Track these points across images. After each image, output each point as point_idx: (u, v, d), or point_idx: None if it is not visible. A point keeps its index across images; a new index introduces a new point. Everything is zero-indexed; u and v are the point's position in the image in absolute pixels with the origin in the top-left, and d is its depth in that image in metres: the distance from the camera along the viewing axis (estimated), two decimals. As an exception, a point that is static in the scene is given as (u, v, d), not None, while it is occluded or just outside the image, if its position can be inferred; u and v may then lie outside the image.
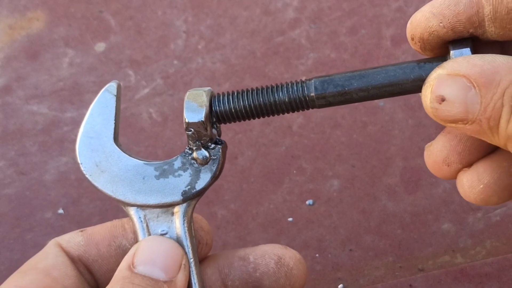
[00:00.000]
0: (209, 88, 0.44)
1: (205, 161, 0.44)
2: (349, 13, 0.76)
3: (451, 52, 0.39)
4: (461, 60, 0.36)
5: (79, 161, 0.45)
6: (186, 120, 0.43)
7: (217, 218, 0.64)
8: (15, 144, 0.70)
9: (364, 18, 0.75)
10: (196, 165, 0.45)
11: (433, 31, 0.39)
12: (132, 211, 0.45)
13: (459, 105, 0.36)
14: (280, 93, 0.42)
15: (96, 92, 0.46)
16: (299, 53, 0.74)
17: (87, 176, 0.45)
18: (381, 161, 0.67)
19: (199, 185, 0.44)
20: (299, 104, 0.42)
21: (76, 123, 0.70)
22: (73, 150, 0.65)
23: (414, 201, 0.64)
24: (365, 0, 0.77)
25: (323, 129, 0.68)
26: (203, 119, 0.43)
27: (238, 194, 0.66)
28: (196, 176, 0.44)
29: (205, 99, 0.43)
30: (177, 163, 0.45)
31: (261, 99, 0.43)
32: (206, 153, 0.44)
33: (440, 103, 0.36)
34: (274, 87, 0.43)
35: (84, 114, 0.45)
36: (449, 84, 0.36)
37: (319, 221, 0.64)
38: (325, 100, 0.42)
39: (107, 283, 0.43)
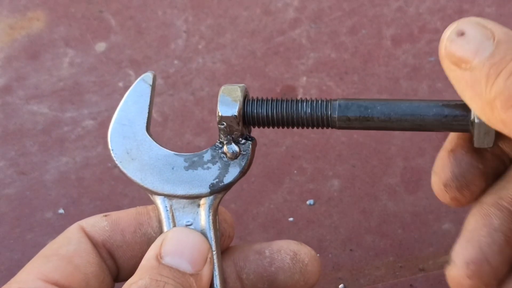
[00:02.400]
0: (243, 84, 0.45)
1: (234, 156, 0.45)
2: (349, 13, 0.76)
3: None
4: (494, 23, 0.38)
5: (110, 147, 0.46)
6: (220, 114, 0.44)
7: (217, 218, 0.64)
8: (15, 144, 0.70)
9: (365, 18, 0.75)
10: (225, 159, 0.45)
11: None
12: (159, 200, 0.45)
13: (473, 44, 0.36)
14: (304, 108, 0.44)
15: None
16: (299, 53, 0.74)
17: (117, 162, 0.45)
18: (381, 161, 0.67)
19: (227, 179, 0.45)
20: (320, 122, 0.44)
21: (77, 123, 0.70)
22: (73, 150, 0.65)
23: (414, 201, 0.64)
24: (366, 0, 0.77)
25: (323, 129, 0.68)
26: (236, 114, 0.43)
27: (238, 194, 0.66)
28: (224, 170, 0.45)
29: (239, 94, 0.44)
30: (207, 156, 0.45)
31: (284, 111, 0.44)
32: (236, 148, 0.45)
33: (458, 36, 0.37)
34: (299, 101, 0.44)
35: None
36: (475, 27, 0.37)
37: (319, 221, 0.64)
38: (346, 123, 0.43)
39: (130, 270, 0.43)
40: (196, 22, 0.77)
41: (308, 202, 0.65)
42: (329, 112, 0.43)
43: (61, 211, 0.66)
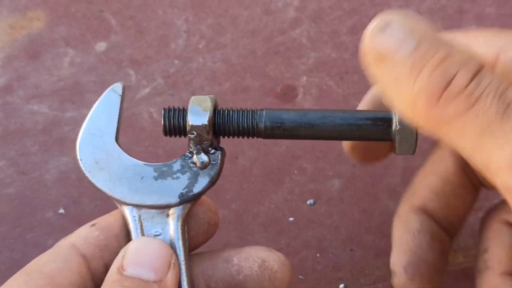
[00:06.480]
0: (212, 96, 0.45)
1: (204, 166, 0.45)
2: (349, 13, 0.76)
3: None
4: (419, 19, 0.37)
5: (79, 157, 0.46)
6: (190, 123, 0.44)
7: (218, 217, 0.64)
8: (16, 143, 0.70)
9: (365, 18, 0.75)
10: (195, 169, 0.45)
11: None
12: (127, 210, 0.45)
13: (396, 39, 0.35)
14: (234, 118, 0.45)
15: (97, 92, 0.47)
16: (300, 53, 0.74)
17: (85, 172, 0.45)
18: (382, 161, 0.67)
19: (197, 188, 0.45)
20: (247, 131, 0.45)
21: (77, 122, 0.70)
22: (74, 149, 0.64)
23: (415, 200, 0.64)
24: (366, -1, 0.77)
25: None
26: (206, 123, 0.44)
27: (238, 194, 0.66)
28: (194, 179, 0.45)
29: (209, 104, 0.44)
30: (176, 166, 0.45)
31: (219, 121, 0.45)
32: (206, 158, 0.45)
33: (381, 30, 0.36)
34: (230, 111, 0.45)
35: (85, 114, 0.45)
36: (398, 21, 0.36)
37: (320, 220, 0.64)
38: (271, 132, 0.45)
39: None
40: (197, 22, 0.77)
41: (308, 202, 0.65)
42: (255, 122, 0.44)
43: (61, 211, 0.66)
